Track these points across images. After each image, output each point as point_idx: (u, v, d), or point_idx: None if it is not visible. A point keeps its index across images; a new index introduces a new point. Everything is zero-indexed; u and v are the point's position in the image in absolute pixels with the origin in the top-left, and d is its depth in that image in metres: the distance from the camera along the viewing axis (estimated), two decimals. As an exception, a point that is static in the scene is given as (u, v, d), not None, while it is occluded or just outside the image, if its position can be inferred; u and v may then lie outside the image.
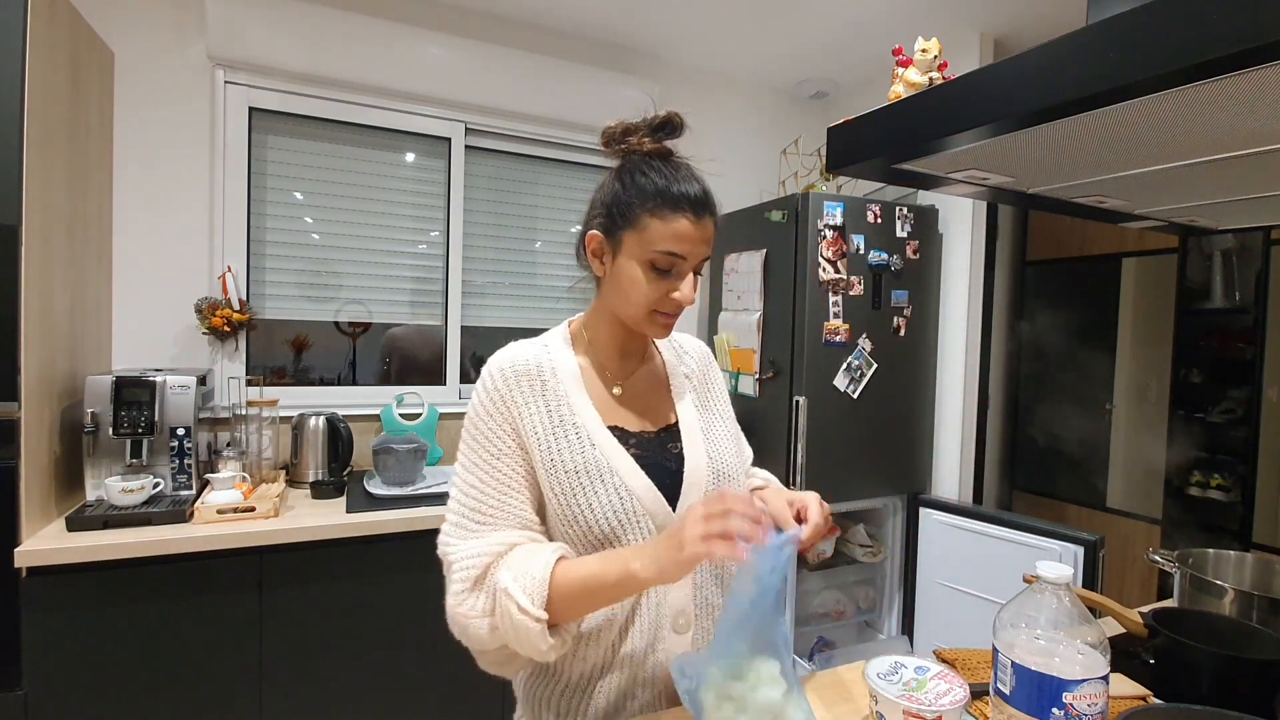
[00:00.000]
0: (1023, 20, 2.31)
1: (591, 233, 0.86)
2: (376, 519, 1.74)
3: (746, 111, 2.97)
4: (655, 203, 0.80)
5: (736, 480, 0.93)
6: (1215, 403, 2.68)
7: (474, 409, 0.85)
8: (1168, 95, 0.65)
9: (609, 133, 0.86)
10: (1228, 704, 0.77)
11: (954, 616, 2.28)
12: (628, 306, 0.84)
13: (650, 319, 0.84)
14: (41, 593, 1.46)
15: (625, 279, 0.83)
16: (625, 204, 0.82)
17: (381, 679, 1.77)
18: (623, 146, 0.85)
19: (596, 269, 0.87)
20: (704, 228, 0.81)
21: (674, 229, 0.79)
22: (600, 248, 0.86)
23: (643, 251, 0.81)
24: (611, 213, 0.83)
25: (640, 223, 0.81)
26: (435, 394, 2.44)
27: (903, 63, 0.96)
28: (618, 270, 0.84)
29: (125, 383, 1.68)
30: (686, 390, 0.96)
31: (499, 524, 0.79)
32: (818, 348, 2.24)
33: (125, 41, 1.97)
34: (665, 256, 0.80)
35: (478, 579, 0.75)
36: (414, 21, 2.29)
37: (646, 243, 0.80)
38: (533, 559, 0.75)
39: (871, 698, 0.78)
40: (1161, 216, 1.28)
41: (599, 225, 0.85)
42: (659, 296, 0.82)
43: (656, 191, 0.80)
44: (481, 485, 0.81)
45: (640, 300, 0.82)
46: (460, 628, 0.77)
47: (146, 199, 2.02)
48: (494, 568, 0.76)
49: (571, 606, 0.74)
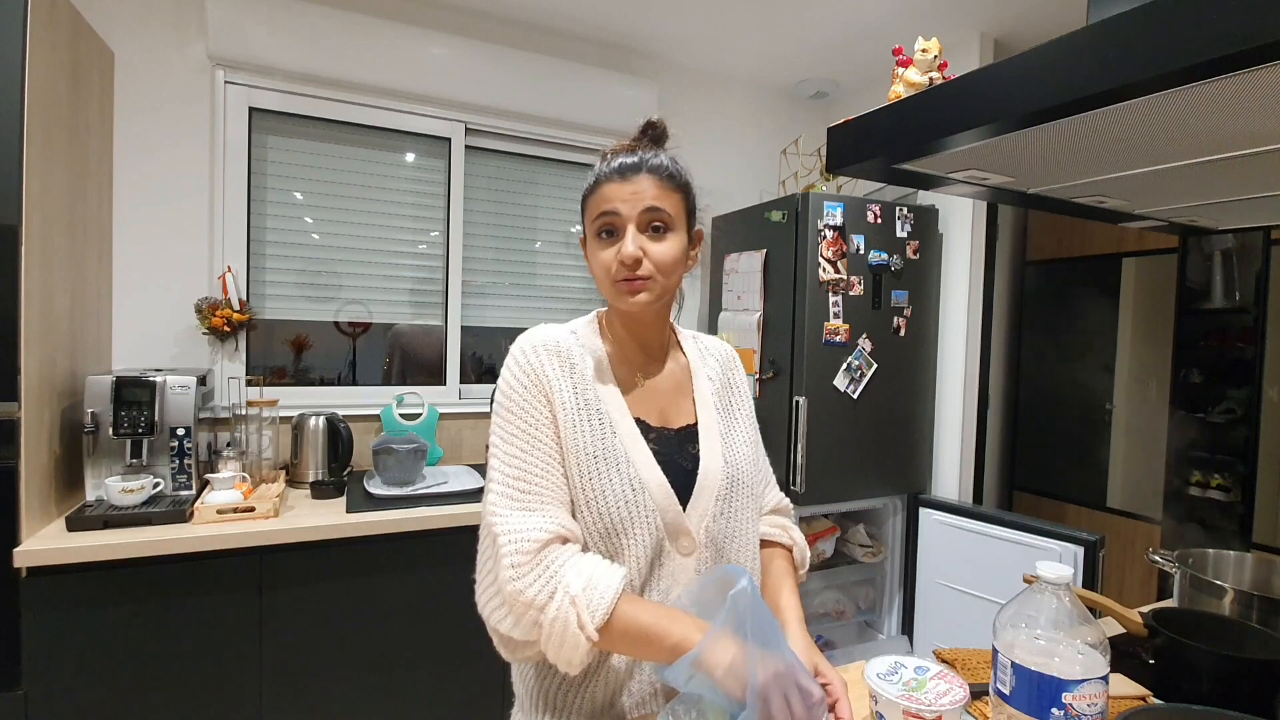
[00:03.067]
0: (1023, 20, 2.31)
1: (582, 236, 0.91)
2: (376, 519, 1.74)
3: (746, 111, 2.97)
4: (590, 185, 0.87)
5: (752, 489, 0.92)
6: (1215, 403, 2.68)
7: (506, 383, 0.84)
8: (1168, 95, 0.65)
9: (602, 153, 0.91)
10: (1228, 704, 0.77)
11: (954, 616, 2.28)
12: (601, 287, 0.87)
13: (615, 289, 0.85)
14: (41, 593, 1.46)
15: (592, 260, 0.87)
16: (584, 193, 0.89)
17: (381, 679, 1.76)
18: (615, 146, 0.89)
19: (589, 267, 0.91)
20: (633, 183, 0.83)
21: (601, 194, 0.84)
22: (582, 247, 0.91)
23: (590, 229, 0.87)
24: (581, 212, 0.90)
25: (586, 202, 0.87)
26: (435, 394, 2.44)
27: (903, 63, 0.96)
28: (588, 259, 0.88)
29: (125, 383, 1.68)
30: (708, 392, 0.96)
31: (546, 497, 0.79)
32: (818, 348, 2.24)
33: (125, 41, 1.97)
34: (600, 219, 0.84)
35: (534, 556, 0.74)
36: (414, 21, 2.29)
37: (589, 221, 0.86)
38: (603, 576, 0.74)
39: (871, 698, 0.78)
40: (1161, 216, 1.28)
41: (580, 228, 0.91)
42: (610, 261, 0.84)
43: (593, 175, 0.87)
44: (523, 455, 0.80)
45: (600, 275, 0.86)
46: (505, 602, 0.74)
47: (146, 199, 2.02)
48: (556, 558, 0.75)
49: (622, 642, 0.75)
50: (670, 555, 0.84)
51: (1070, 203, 1.18)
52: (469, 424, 2.46)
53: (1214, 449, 2.67)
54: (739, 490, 0.89)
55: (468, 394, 2.53)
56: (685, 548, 0.84)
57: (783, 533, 1.01)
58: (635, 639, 0.74)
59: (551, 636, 0.72)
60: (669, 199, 0.84)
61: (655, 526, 0.82)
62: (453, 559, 1.81)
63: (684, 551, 0.84)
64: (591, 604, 0.72)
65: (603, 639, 0.73)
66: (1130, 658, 0.98)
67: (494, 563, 0.76)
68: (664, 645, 0.72)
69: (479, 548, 0.83)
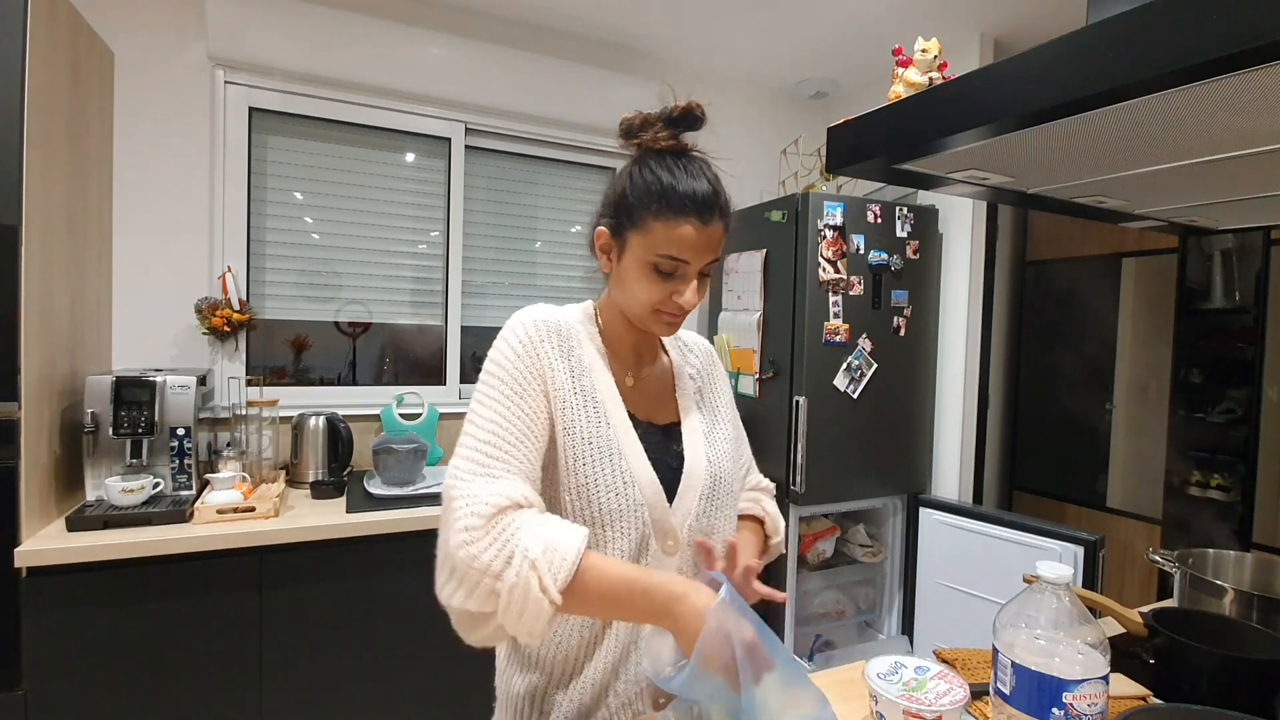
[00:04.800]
0: (1023, 20, 2.31)
1: (599, 229, 0.85)
2: (376, 519, 1.74)
3: (746, 111, 2.97)
4: (660, 205, 0.78)
5: (731, 487, 0.92)
6: (1215, 403, 2.67)
7: (501, 352, 0.81)
8: (1167, 95, 0.65)
9: (626, 123, 0.84)
10: (1227, 704, 0.77)
11: (954, 616, 2.28)
12: (632, 304, 0.84)
13: (655, 317, 0.83)
14: (41, 593, 1.46)
15: (629, 278, 0.82)
16: (631, 204, 0.80)
17: (381, 678, 1.76)
18: (638, 140, 0.83)
19: (604, 265, 0.86)
20: (710, 232, 0.79)
21: (678, 234, 0.77)
22: (607, 244, 0.85)
23: (645, 254, 0.79)
24: (619, 212, 0.82)
25: (644, 225, 0.79)
26: (435, 394, 2.44)
27: (903, 63, 0.96)
28: (623, 269, 0.83)
29: (125, 383, 1.68)
30: (691, 390, 0.95)
31: (512, 466, 0.74)
32: (818, 348, 2.24)
33: (125, 41, 1.97)
34: (668, 260, 0.79)
35: (489, 520, 0.68)
36: (414, 21, 2.29)
37: (650, 246, 0.79)
38: (563, 536, 0.69)
39: (871, 698, 0.78)
40: (1161, 216, 1.28)
41: (606, 223, 0.84)
42: (662, 298, 0.81)
43: (662, 192, 0.78)
44: (502, 421, 0.76)
45: (644, 300, 0.81)
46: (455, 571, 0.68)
47: (146, 199, 2.02)
48: (512, 522, 0.69)
49: (590, 602, 0.70)
50: (654, 554, 0.82)
51: (1070, 203, 1.18)
52: (469, 424, 2.46)
53: (1214, 449, 2.67)
54: (720, 489, 0.89)
55: (468, 394, 2.53)
56: (669, 547, 0.83)
57: (754, 505, 1.02)
58: (605, 596, 0.69)
59: (511, 604, 0.66)
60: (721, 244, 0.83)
61: (642, 522, 0.81)
62: (453, 559, 1.81)
63: (668, 551, 0.83)
64: (553, 565, 0.67)
65: (568, 601, 0.67)
66: (1130, 658, 0.98)
67: (446, 529, 0.70)
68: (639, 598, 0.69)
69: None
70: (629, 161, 0.85)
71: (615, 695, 0.82)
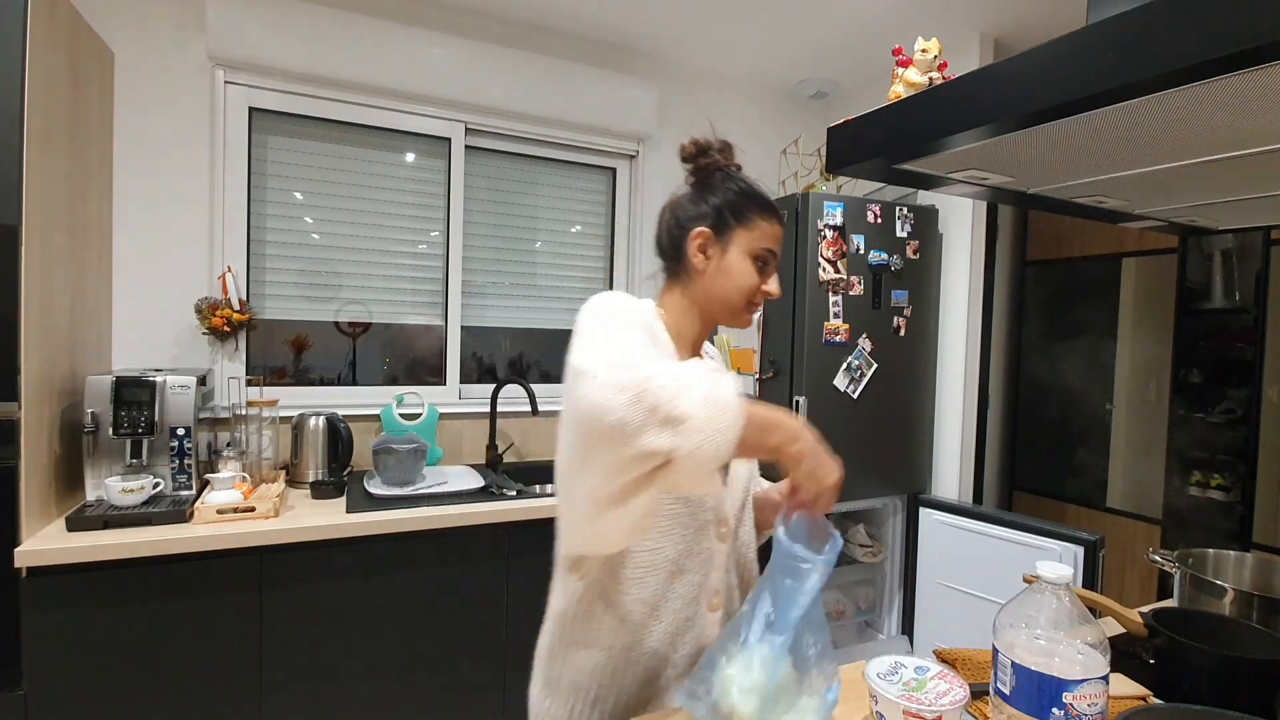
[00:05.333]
0: (1023, 20, 2.31)
1: (699, 229, 0.93)
2: (376, 519, 1.74)
3: (746, 111, 2.97)
4: (760, 206, 0.93)
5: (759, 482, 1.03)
6: (1215, 402, 2.67)
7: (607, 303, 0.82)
8: (1167, 95, 0.65)
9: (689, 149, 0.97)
10: (1227, 704, 0.77)
11: (954, 616, 2.28)
12: (731, 295, 0.92)
13: (747, 309, 0.94)
14: (41, 593, 1.46)
15: (735, 270, 0.92)
16: (738, 206, 0.93)
17: (381, 679, 1.76)
18: (706, 160, 0.96)
19: (699, 262, 0.93)
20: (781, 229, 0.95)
21: (774, 230, 0.93)
22: (707, 243, 0.93)
23: (751, 247, 0.92)
24: (723, 212, 0.93)
25: (752, 222, 0.92)
26: (435, 394, 2.44)
27: (903, 63, 0.96)
28: (726, 263, 0.92)
29: (125, 383, 1.68)
30: None
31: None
32: (818, 348, 2.24)
33: (125, 41, 1.97)
34: (766, 252, 0.93)
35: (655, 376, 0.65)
36: (414, 21, 2.29)
37: (755, 239, 0.92)
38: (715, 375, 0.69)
39: (871, 697, 0.78)
40: (1161, 216, 1.28)
41: (708, 223, 0.93)
42: (755, 288, 0.93)
43: (761, 198, 0.93)
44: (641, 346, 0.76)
45: (746, 288, 0.92)
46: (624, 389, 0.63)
47: (146, 199, 2.02)
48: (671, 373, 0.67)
49: (753, 426, 0.69)
50: (709, 537, 0.90)
51: (1070, 203, 1.18)
52: (469, 424, 2.46)
53: (1214, 449, 2.67)
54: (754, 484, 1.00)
55: (468, 394, 2.53)
56: (723, 534, 0.92)
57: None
58: (765, 421, 0.72)
59: (706, 421, 0.64)
60: None
61: (705, 506, 0.89)
62: (453, 559, 1.81)
63: (721, 538, 0.91)
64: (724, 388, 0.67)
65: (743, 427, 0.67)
66: (1130, 658, 0.98)
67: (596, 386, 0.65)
68: (776, 425, 0.73)
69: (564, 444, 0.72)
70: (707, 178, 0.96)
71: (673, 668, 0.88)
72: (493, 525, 1.86)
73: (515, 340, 2.70)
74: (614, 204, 2.78)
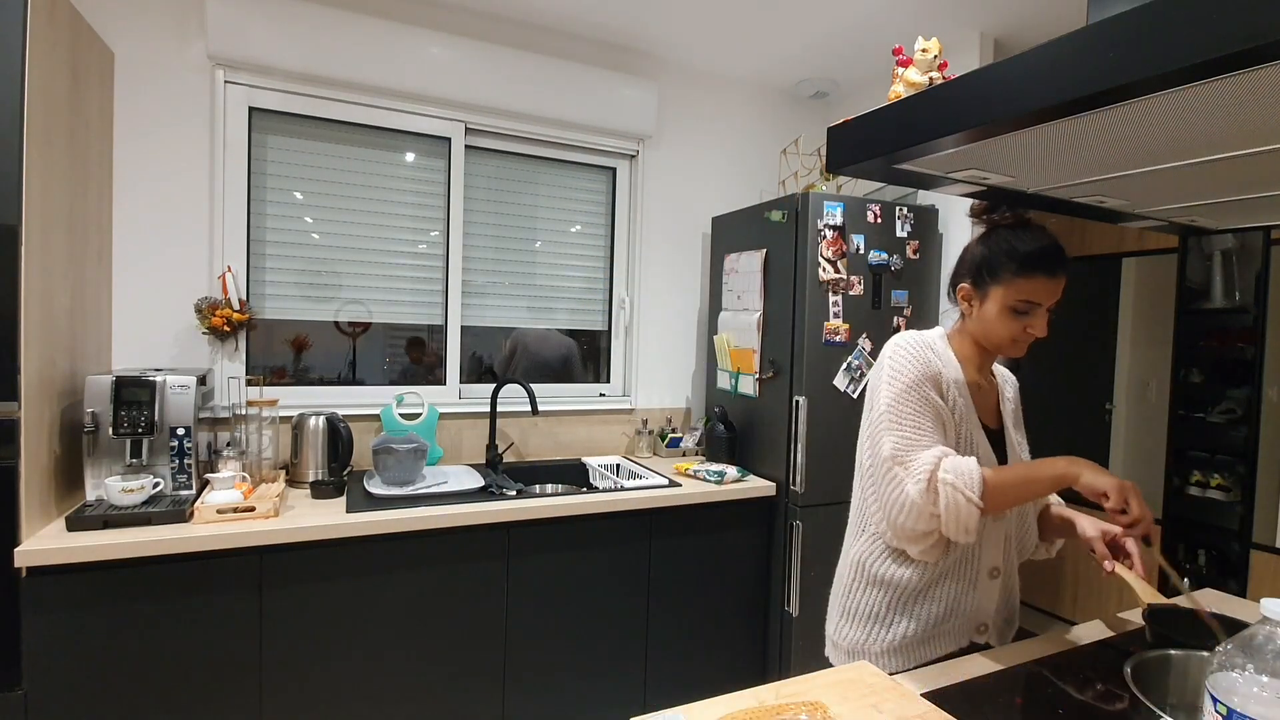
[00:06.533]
0: (1023, 20, 2.31)
1: (962, 285, 1.16)
2: (376, 519, 1.74)
3: (746, 111, 2.96)
4: (1016, 264, 1.07)
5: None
6: (1215, 402, 2.68)
7: (907, 368, 1.09)
8: (1168, 95, 0.65)
9: (975, 209, 1.18)
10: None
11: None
12: (992, 337, 1.13)
13: (1012, 345, 1.12)
14: (41, 593, 1.46)
15: (990, 320, 1.12)
16: (992, 266, 1.10)
17: (381, 679, 1.76)
18: (990, 218, 1.14)
19: (965, 310, 1.16)
20: (1056, 280, 1.08)
21: (1031, 285, 1.07)
22: (969, 295, 1.15)
23: (1005, 301, 1.09)
24: (980, 271, 1.12)
25: (1003, 279, 1.08)
26: (435, 394, 2.44)
27: (903, 63, 0.96)
28: (984, 313, 1.13)
29: (125, 382, 1.68)
30: (1009, 410, 1.25)
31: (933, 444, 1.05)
32: (818, 348, 2.24)
33: (125, 41, 1.97)
34: (1023, 304, 1.08)
35: (929, 481, 1.00)
36: (414, 21, 2.29)
37: (1009, 295, 1.08)
38: (965, 464, 1.00)
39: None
40: (1161, 216, 1.27)
41: (969, 280, 1.15)
42: (1018, 331, 1.09)
43: (1023, 257, 1.07)
44: (918, 429, 1.06)
45: (1004, 334, 1.11)
46: (916, 515, 1.01)
47: (146, 199, 2.02)
48: (939, 467, 1.00)
49: (1005, 495, 1.00)
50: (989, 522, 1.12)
51: (1070, 203, 1.18)
52: (469, 424, 2.46)
53: (1214, 449, 2.67)
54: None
55: (468, 394, 2.53)
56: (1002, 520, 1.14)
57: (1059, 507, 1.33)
58: (1013, 484, 1.00)
59: (951, 515, 0.99)
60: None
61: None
62: (453, 559, 1.81)
63: (997, 519, 1.13)
64: (968, 484, 0.98)
65: (987, 501, 0.98)
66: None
67: (901, 487, 1.03)
68: (1040, 470, 1.00)
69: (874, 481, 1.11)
70: (981, 234, 1.16)
71: (949, 633, 1.13)
72: (492, 525, 1.86)
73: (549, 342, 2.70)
74: (614, 204, 2.78)
